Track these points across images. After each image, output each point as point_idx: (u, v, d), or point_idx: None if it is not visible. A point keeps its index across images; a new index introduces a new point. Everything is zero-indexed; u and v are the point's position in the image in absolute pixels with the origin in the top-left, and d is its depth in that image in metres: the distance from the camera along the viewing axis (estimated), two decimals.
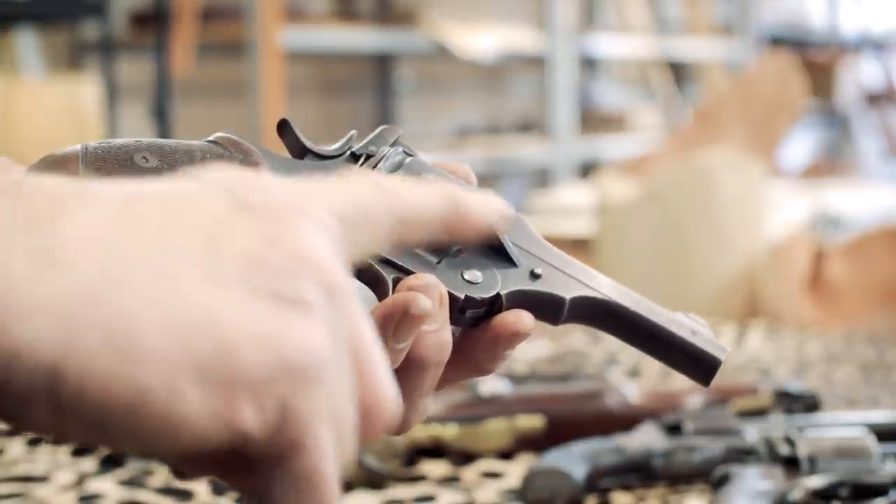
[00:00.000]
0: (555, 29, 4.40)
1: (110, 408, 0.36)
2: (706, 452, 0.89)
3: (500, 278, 0.53)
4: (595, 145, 4.65)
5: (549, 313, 0.54)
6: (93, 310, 0.35)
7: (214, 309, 0.37)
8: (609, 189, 2.26)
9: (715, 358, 0.54)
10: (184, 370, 0.36)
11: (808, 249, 1.99)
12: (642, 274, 2.13)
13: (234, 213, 0.39)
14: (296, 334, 0.38)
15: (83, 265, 0.36)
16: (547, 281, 0.54)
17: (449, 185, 0.50)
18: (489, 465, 0.95)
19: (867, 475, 0.82)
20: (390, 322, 0.49)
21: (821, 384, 1.19)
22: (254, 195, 0.40)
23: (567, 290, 0.54)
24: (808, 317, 1.85)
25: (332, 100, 4.44)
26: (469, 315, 0.53)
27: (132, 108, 3.38)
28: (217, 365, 0.37)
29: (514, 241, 0.55)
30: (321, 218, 0.41)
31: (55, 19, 3.08)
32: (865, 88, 6.54)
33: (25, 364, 0.35)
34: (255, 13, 3.24)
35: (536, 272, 0.54)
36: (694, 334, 0.55)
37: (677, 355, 0.55)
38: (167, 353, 0.36)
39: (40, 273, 0.35)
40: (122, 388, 0.35)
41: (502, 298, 0.53)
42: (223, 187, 0.40)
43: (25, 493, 0.90)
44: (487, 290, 0.53)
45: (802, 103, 2.70)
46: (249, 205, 0.40)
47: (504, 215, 0.51)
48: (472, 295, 0.52)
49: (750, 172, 2.15)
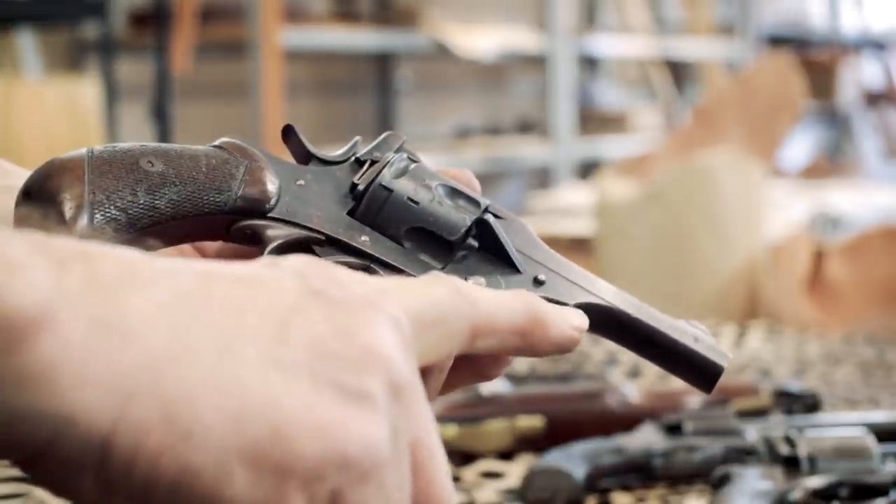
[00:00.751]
0: (555, 29, 4.40)
1: (157, 483, 0.35)
2: (706, 452, 0.89)
3: (504, 284, 0.53)
4: (595, 145, 4.65)
5: None
6: (152, 383, 0.35)
7: (275, 395, 0.36)
8: (609, 189, 2.26)
9: (717, 365, 0.54)
10: (236, 453, 0.36)
11: (808, 249, 1.99)
12: (642, 274, 2.13)
13: (306, 301, 0.39)
14: (356, 428, 0.37)
15: (147, 338, 0.35)
16: (550, 287, 0.54)
17: (528, 296, 0.49)
18: (489, 465, 0.95)
19: (867, 475, 0.82)
20: None
21: (821, 384, 1.19)
22: (329, 286, 0.40)
23: (570, 297, 0.54)
24: (808, 317, 1.85)
25: (332, 100, 4.44)
26: None
27: (132, 108, 3.38)
28: (271, 451, 0.36)
29: (517, 246, 0.55)
30: (395, 316, 0.41)
31: (55, 19, 3.08)
32: (865, 88, 6.54)
33: (79, 430, 0.34)
34: (255, 13, 3.24)
35: (540, 278, 0.54)
36: (696, 341, 0.55)
37: (679, 362, 0.55)
38: (221, 434, 0.35)
39: (104, 342, 0.35)
40: (172, 464, 0.35)
41: None
42: (299, 274, 0.40)
43: (25, 494, 0.90)
44: None
45: (802, 103, 2.70)
46: (324, 294, 0.39)
47: (582, 330, 0.50)
48: None
49: (750, 172, 2.15)
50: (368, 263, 0.52)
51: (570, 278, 0.55)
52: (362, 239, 0.53)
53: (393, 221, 0.53)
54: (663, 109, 5.06)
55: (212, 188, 0.52)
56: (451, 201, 0.54)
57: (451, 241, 0.54)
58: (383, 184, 0.54)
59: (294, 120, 0.58)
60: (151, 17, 3.25)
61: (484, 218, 0.54)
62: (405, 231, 0.53)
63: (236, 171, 0.53)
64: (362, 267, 0.52)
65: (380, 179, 0.54)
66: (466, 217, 0.54)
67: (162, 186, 0.51)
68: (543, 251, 0.55)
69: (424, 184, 0.54)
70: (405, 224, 0.53)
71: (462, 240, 0.54)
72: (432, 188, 0.54)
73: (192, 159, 0.52)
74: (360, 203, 0.54)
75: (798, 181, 3.58)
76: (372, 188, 0.54)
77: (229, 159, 0.53)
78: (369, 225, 0.53)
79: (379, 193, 0.54)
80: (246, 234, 0.52)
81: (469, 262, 0.54)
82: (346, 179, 0.55)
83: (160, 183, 0.51)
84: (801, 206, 2.82)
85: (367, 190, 0.54)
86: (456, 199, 0.54)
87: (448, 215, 0.54)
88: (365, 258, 0.53)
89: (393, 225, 0.53)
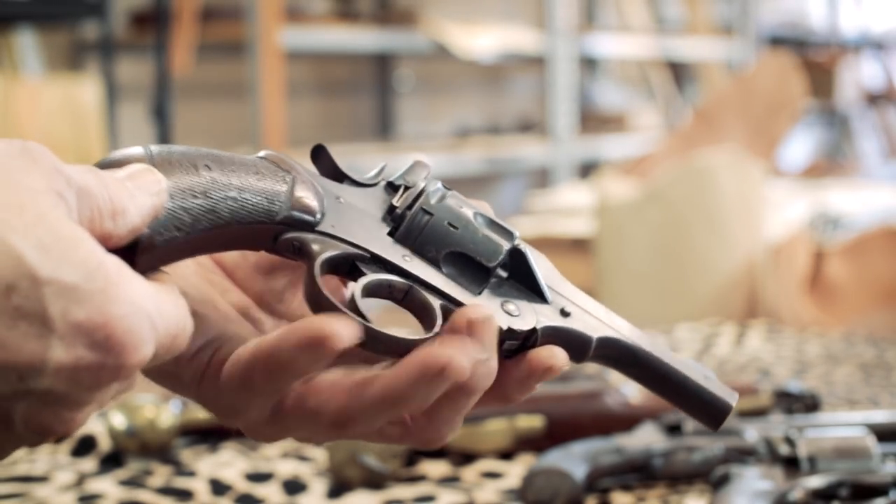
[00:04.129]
0: (555, 29, 4.40)
1: None
2: (706, 452, 0.89)
3: (535, 313, 0.55)
4: (595, 145, 4.65)
5: (577, 351, 0.56)
6: None
7: None
8: (609, 189, 2.26)
9: (726, 403, 0.56)
10: None
11: (808, 249, 1.99)
12: (642, 274, 2.13)
13: None
14: None
15: None
16: (576, 320, 0.56)
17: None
18: (489, 465, 0.95)
19: (867, 475, 0.82)
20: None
21: (821, 384, 1.19)
22: None
23: (594, 330, 0.56)
24: (808, 317, 1.85)
25: (332, 100, 4.44)
26: (506, 346, 0.54)
27: (132, 108, 3.38)
28: None
29: (543, 278, 0.56)
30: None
31: (55, 19, 3.08)
32: (865, 88, 6.54)
33: None
34: (255, 13, 3.24)
35: (566, 310, 0.56)
36: (706, 378, 0.56)
37: (690, 398, 0.56)
38: None
39: None
40: None
41: (538, 332, 0.54)
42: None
43: (25, 493, 0.90)
44: (526, 323, 0.54)
45: (802, 103, 2.70)
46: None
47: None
48: (514, 327, 0.54)
49: (750, 172, 2.15)
50: (411, 284, 0.54)
51: (591, 312, 0.56)
52: (406, 259, 0.54)
53: (433, 245, 0.54)
54: (663, 109, 5.06)
55: (264, 198, 0.52)
56: (487, 229, 0.56)
57: (489, 267, 0.55)
58: (425, 207, 0.55)
59: (294, 120, 0.58)
60: (151, 17, 3.25)
61: (519, 247, 0.56)
62: (444, 255, 0.55)
63: (284, 183, 0.53)
64: (405, 287, 0.53)
65: (421, 203, 0.55)
66: (503, 245, 0.55)
67: (220, 191, 0.51)
68: (567, 285, 0.57)
69: (462, 210, 0.56)
70: (445, 248, 0.55)
71: (497, 266, 0.55)
72: (470, 215, 0.56)
73: (244, 167, 0.52)
74: (400, 225, 0.55)
75: (798, 181, 3.57)
76: (413, 211, 0.55)
77: (277, 171, 0.53)
78: (409, 247, 0.54)
79: (420, 216, 0.55)
80: (293, 247, 0.53)
81: (503, 289, 0.55)
82: (382, 201, 0.55)
83: (218, 187, 0.51)
84: (801, 206, 2.82)
85: (407, 212, 0.55)
86: (490, 227, 0.56)
87: (486, 242, 0.55)
88: (408, 278, 0.54)
89: (433, 248, 0.54)
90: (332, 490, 0.90)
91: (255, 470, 0.93)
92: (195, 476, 0.92)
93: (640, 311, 2.06)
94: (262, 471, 0.93)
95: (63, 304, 0.42)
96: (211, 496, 0.89)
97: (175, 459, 0.96)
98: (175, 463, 0.96)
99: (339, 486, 0.90)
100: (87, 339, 0.43)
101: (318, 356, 0.49)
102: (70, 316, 0.43)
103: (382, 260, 0.53)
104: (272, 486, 0.91)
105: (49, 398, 0.44)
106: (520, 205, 4.16)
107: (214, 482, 0.91)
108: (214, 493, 0.90)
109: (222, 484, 0.91)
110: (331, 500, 0.89)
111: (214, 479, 0.92)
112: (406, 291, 0.54)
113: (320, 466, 0.94)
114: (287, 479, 0.92)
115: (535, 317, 0.55)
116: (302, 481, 0.91)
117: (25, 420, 0.44)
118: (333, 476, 0.91)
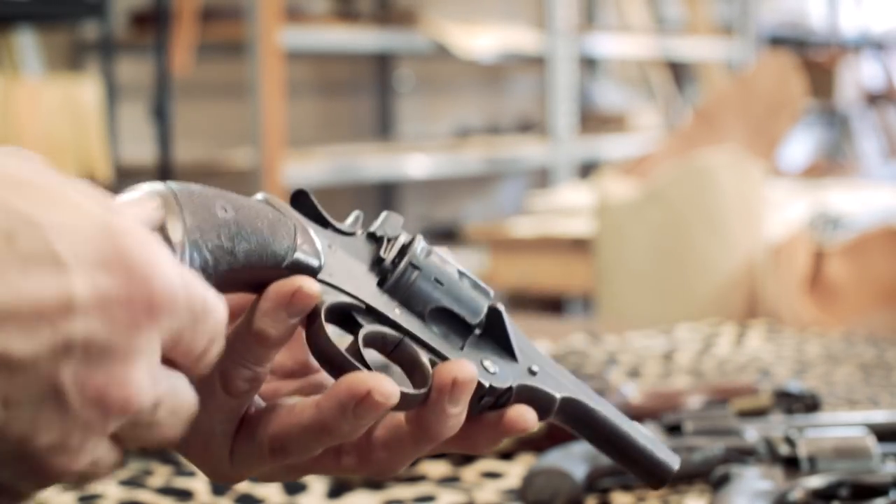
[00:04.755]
0: (555, 29, 4.40)
1: None
2: (706, 452, 0.89)
3: (510, 371, 0.56)
4: (595, 145, 4.64)
5: (542, 409, 0.56)
6: None
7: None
8: (609, 189, 2.26)
9: (670, 466, 0.58)
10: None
11: (808, 249, 1.99)
12: (642, 274, 2.13)
13: None
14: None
15: None
16: (542, 378, 0.57)
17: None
18: (489, 465, 0.95)
19: (867, 475, 0.82)
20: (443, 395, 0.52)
21: (821, 384, 1.19)
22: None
23: (557, 389, 0.57)
24: (808, 317, 1.85)
25: (332, 100, 4.44)
26: (483, 402, 0.55)
27: (132, 108, 3.38)
28: None
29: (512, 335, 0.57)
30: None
31: (55, 19, 3.08)
32: (865, 88, 6.54)
33: None
34: (255, 13, 3.24)
35: (533, 369, 0.57)
36: (653, 442, 0.58)
37: (637, 458, 0.58)
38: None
39: None
40: None
41: (513, 391, 0.55)
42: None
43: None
44: (504, 381, 0.55)
45: (802, 103, 2.70)
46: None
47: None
48: (494, 384, 0.55)
49: (750, 172, 2.15)
50: (402, 337, 0.54)
51: (551, 373, 0.57)
52: (396, 312, 0.55)
53: (420, 299, 0.55)
54: (663, 109, 5.06)
55: (273, 242, 0.52)
56: (469, 287, 0.56)
57: (472, 324, 0.56)
58: (413, 262, 0.55)
59: (294, 120, 0.58)
60: (151, 17, 3.25)
61: (497, 307, 0.57)
62: (430, 310, 0.55)
63: (288, 228, 0.53)
64: (397, 340, 0.54)
65: (410, 258, 0.55)
66: (484, 303, 0.56)
67: (237, 234, 0.51)
68: (530, 344, 0.58)
69: (447, 267, 0.56)
70: (431, 303, 0.55)
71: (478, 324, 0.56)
72: (454, 272, 0.56)
73: (254, 210, 0.52)
74: (387, 277, 0.55)
75: (798, 181, 3.58)
76: (403, 264, 0.55)
77: (280, 216, 0.53)
78: (397, 300, 0.55)
79: (409, 271, 0.55)
80: None
81: (480, 345, 0.56)
82: (367, 252, 0.56)
83: (235, 230, 0.51)
84: (801, 206, 2.82)
85: (395, 265, 0.55)
86: (472, 285, 0.57)
87: (469, 300, 0.56)
88: (399, 331, 0.54)
89: (420, 302, 0.55)
90: (332, 490, 0.90)
91: None
92: (195, 476, 0.92)
93: (640, 311, 2.06)
94: None
95: (69, 239, 0.41)
96: (211, 496, 0.89)
97: (175, 459, 0.96)
98: (175, 463, 0.96)
99: (339, 486, 0.90)
100: (104, 267, 0.42)
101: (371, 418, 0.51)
102: (79, 249, 0.41)
103: (376, 312, 0.54)
104: (272, 486, 0.91)
105: (92, 351, 0.41)
106: (520, 205, 4.16)
107: (214, 484, 0.91)
108: (214, 493, 0.90)
109: (223, 484, 0.91)
110: (331, 500, 0.89)
111: None
112: (396, 344, 0.54)
113: None
114: None
115: (511, 375, 0.55)
116: (302, 481, 0.91)
117: (79, 388, 0.41)
118: (333, 476, 0.91)
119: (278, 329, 0.51)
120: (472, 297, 0.56)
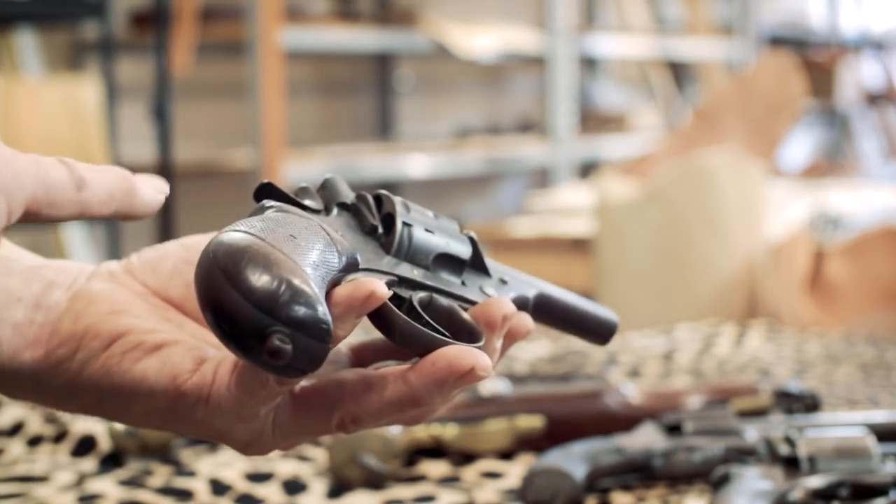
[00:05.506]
0: (555, 29, 4.40)
1: None
2: (706, 452, 0.89)
3: (495, 288, 0.59)
4: (595, 145, 4.65)
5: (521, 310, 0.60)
6: None
7: None
8: (609, 189, 2.26)
9: (613, 321, 0.65)
10: None
11: (808, 249, 1.99)
12: (642, 274, 2.13)
13: None
14: None
15: None
16: (514, 285, 0.61)
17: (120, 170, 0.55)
18: (489, 465, 0.95)
19: (867, 475, 0.82)
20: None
21: (821, 384, 1.19)
22: None
23: (528, 289, 0.61)
24: (808, 317, 1.85)
25: (332, 100, 4.44)
26: None
27: (132, 108, 3.38)
28: None
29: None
30: None
31: (55, 19, 3.08)
32: (865, 88, 6.54)
33: None
34: (255, 13, 3.24)
35: (504, 279, 0.60)
36: (595, 306, 0.64)
37: (589, 326, 0.65)
38: None
39: None
40: None
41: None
42: None
43: (25, 493, 0.90)
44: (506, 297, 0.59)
45: (802, 103, 2.70)
46: None
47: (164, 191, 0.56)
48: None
49: (750, 172, 2.15)
50: (431, 295, 0.56)
51: (516, 277, 0.61)
52: (415, 273, 0.56)
53: (422, 253, 0.56)
54: (663, 109, 5.06)
55: (328, 251, 0.52)
56: (450, 225, 0.59)
57: (465, 260, 0.58)
58: (405, 220, 0.56)
59: (294, 120, 0.58)
60: (151, 17, 3.25)
61: (472, 235, 0.59)
62: (432, 259, 0.57)
63: (317, 230, 0.53)
64: (428, 299, 0.56)
65: (400, 217, 0.56)
66: (463, 235, 0.59)
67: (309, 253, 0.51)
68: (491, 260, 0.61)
69: (425, 212, 0.58)
70: (431, 253, 0.56)
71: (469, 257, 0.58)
72: (432, 216, 0.58)
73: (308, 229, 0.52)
74: (393, 243, 0.56)
75: (798, 181, 3.57)
76: (397, 227, 0.56)
77: (308, 222, 0.53)
78: (407, 261, 0.56)
79: (404, 230, 0.56)
80: None
81: (470, 274, 0.59)
82: (354, 224, 0.56)
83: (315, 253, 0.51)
84: (801, 206, 2.82)
85: (391, 229, 0.56)
86: (445, 221, 0.59)
87: (455, 235, 0.58)
88: (427, 290, 0.56)
89: (422, 256, 0.56)
90: (332, 490, 0.90)
91: (255, 470, 0.93)
92: (195, 476, 0.92)
93: (640, 311, 2.06)
94: (262, 471, 0.93)
95: None
96: (211, 496, 0.89)
97: (175, 459, 0.96)
98: (175, 463, 0.96)
99: (339, 487, 0.90)
100: None
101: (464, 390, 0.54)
102: None
103: (403, 279, 0.55)
104: (272, 487, 0.91)
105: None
106: (520, 205, 4.16)
107: (214, 482, 0.91)
108: (214, 493, 0.90)
109: (222, 484, 0.91)
110: (331, 500, 0.89)
111: (214, 479, 0.92)
112: (428, 303, 0.56)
113: (320, 466, 0.94)
114: (287, 480, 0.92)
115: (502, 292, 0.59)
116: (302, 481, 0.91)
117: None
118: (333, 476, 0.91)
119: (346, 330, 0.51)
120: (455, 232, 0.58)
